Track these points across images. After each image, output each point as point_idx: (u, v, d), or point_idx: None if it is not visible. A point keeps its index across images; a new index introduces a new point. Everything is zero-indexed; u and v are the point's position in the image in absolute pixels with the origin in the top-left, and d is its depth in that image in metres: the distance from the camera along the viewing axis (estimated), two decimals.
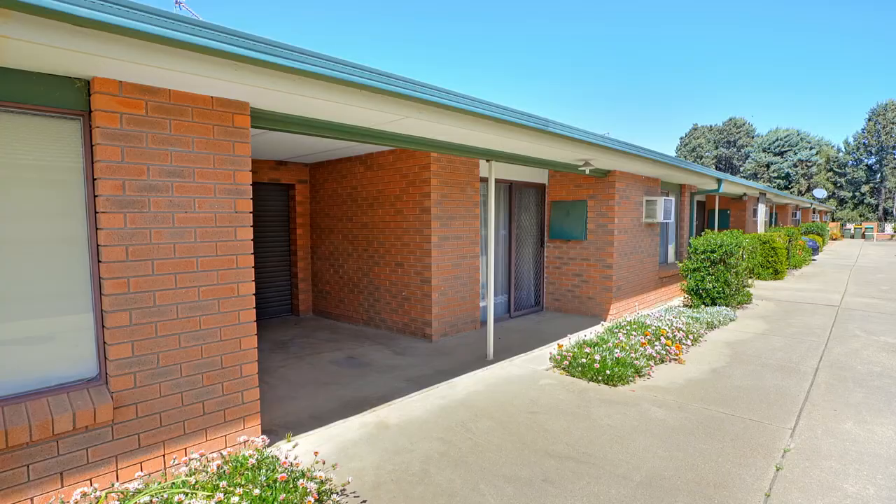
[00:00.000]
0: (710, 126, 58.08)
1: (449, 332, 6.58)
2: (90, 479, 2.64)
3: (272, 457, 2.65)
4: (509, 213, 7.78)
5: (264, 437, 2.99)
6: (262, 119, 3.38)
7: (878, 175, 47.98)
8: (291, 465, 2.55)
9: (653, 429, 3.73)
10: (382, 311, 7.01)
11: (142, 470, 2.81)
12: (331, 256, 7.81)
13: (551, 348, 5.83)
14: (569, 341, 5.85)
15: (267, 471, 2.50)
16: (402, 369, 5.25)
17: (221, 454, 2.70)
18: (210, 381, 3.09)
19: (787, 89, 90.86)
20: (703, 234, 8.82)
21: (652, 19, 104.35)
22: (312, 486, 2.33)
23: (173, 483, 2.48)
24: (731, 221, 15.49)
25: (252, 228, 3.25)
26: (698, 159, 55.07)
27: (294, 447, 3.11)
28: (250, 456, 2.60)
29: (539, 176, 8.23)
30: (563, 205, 8.17)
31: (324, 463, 2.79)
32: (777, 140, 50.09)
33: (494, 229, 7.60)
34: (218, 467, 2.55)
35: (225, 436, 3.16)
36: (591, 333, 6.47)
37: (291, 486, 2.35)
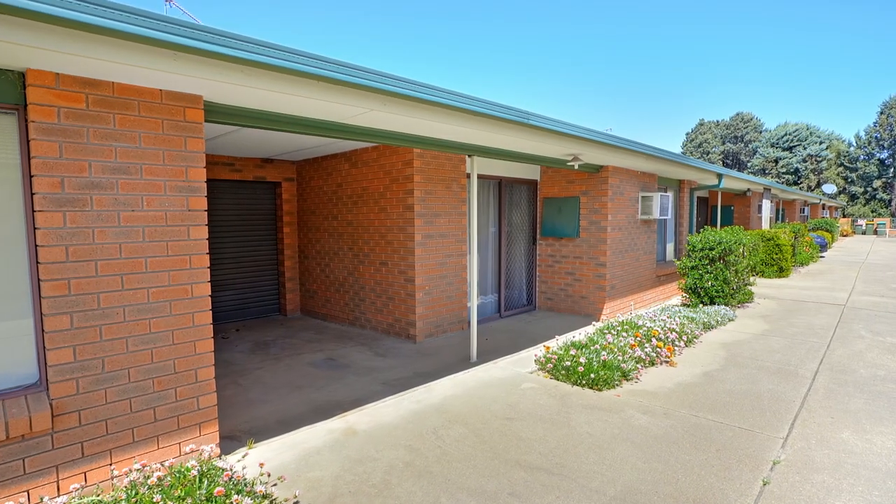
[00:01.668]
0: (717, 121, 57.25)
1: (434, 332, 6.42)
2: (27, 491, 2.51)
3: (216, 468, 2.51)
4: (499, 210, 7.59)
5: (214, 445, 2.85)
6: (218, 113, 3.22)
7: (891, 169, 47.04)
8: (233, 477, 2.40)
9: (634, 437, 3.55)
10: (367, 312, 6.86)
11: (86, 480, 2.68)
12: (317, 255, 7.67)
13: (538, 350, 5.65)
14: (556, 342, 5.67)
15: (209, 484, 2.35)
16: (380, 371, 5.09)
17: (163, 465, 2.55)
18: (162, 386, 2.95)
19: (795, 85, 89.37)
20: (702, 230, 8.58)
21: (653, 18, 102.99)
22: (248, 502, 2.18)
23: (113, 497, 2.35)
24: (735, 218, 15.16)
25: (207, 227, 3.11)
26: (705, 155, 54.35)
27: (244, 457, 2.97)
28: (192, 467, 2.45)
29: (530, 172, 8.03)
30: (556, 201, 7.96)
31: (269, 475, 2.64)
32: (786, 135, 49.26)
33: (480, 227, 7.42)
34: (159, 479, 2.41)
35: (179, 443, 3.02)
36: (581, 334, 6.28)
37: (228, 501, 2.20)
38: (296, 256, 8.12)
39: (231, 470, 2.48)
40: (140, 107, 2.80)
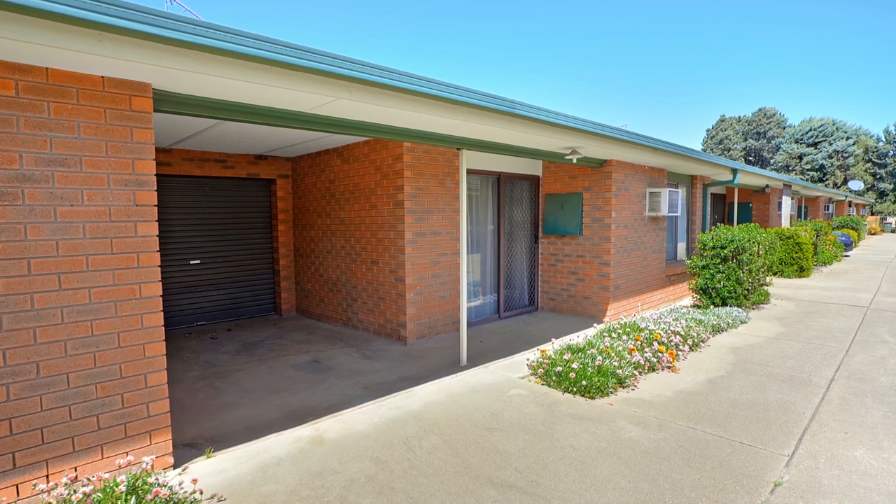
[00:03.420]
0: (739, 117, 55.64)
1: (427, 334, 6.18)
2: None
3: (147, 483, 2.31)
4: (498, 207, 7.30)
5: (154, 457, 2.66)
6: (171, 103, 3.03)
7: None
8: (160, 494, 2.20)
9: (622, 452, 3.25)
10: (360, 312, 6.66)
11: (18, 494, 2.51)
12: (311, 254, 7.50)
13: (533, 353, 5.37)
14: (552, 346, 5.37)
15: (136, 501, 2.15)
16: (364, 375, 4.87)
17: (90, 479, 2.37)
18: (106, 392, 2.77)
19: (820, 80, 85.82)
20: (714, 227, 8.16)
21: (671, 16, 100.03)
22: None
23: None
24: (754, 215, 14.55)
25: (157, 223, 2.92)
26: (726, 152, 52.90)
27: (184, 470, 2.77)
28: (121, 482, 2.26)
29: (531, 167, 7.72)
30: (558, 198, 7.64)
31: (201, 493, 2.43)
32: (811, 130, 47.57)
33: (479, 224, 7.14)
34: (85, 494, 2.23)
35: (127, 452, 2.84)
36: (580, 337, 5.96)
37: None
38: (291, 255, 7.97)
39: (164, 486, 2.28)
40: (79, 94, 2.62)
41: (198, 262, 7.18)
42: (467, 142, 4.99)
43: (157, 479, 2.37)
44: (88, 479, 2.43)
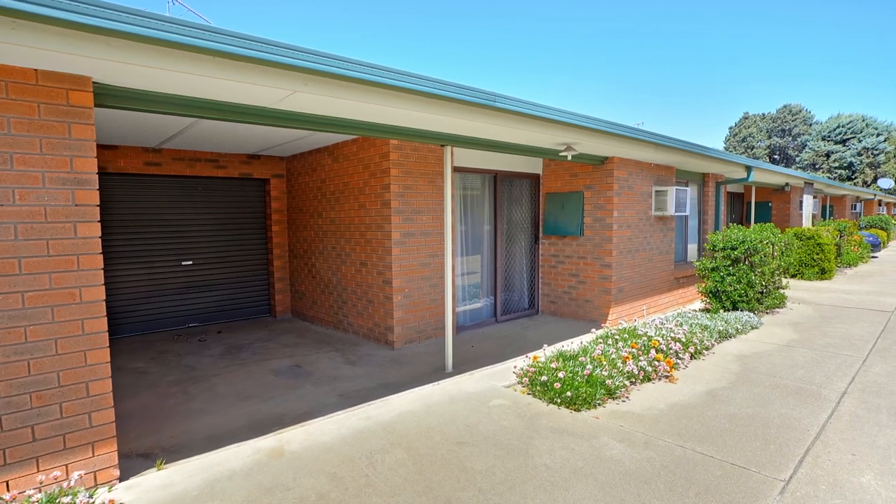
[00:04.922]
0: (763, 114, 53.95)
1: (416, 338, 5.96)
2: None
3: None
4: (494, 207, 7.05)
5: (89, 470, 2.51)
6: (113, 97, 2.88)
7: None
8: None
9: (600, 473, 2.98)
10: (350, 315, 6.49)
11: None
12: (304, 255, 7.37)
13: (523, 360, 5.10)
14: (544, 352, 5.10)
15: None
16: (343, 381, 4.69)
17: (3, 498, 2.23)
18: (42, 401, 2.63)
19: (849, 77, 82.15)
20: (726, 227, 7.75)
21: (692, 15, 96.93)
22: None
23: None
24: (773, 215, 13.95)
25: (100, 224, 2.77)
26: (749, 150, 51.34)
27: (111, 488, 2.61)
28: (35, 502, 2.11)
29: (531, 165, 7.44)
30: (558, 197, 7.35)
31: None
32: (839, 127, 45.75)
33: (474, 224, 6.89)
34: None
35: (66, 465, 2.70)
36: (577, 342, 5.67)
37: None
38: (286, 256, 7.86)
39: None
40: (8, 88, 2.48)
41: (190, 262, 7.11)
42: (451, 138, 4.76)
43: (72, 498, 2.21)
44: (2, 499, 2.29)
